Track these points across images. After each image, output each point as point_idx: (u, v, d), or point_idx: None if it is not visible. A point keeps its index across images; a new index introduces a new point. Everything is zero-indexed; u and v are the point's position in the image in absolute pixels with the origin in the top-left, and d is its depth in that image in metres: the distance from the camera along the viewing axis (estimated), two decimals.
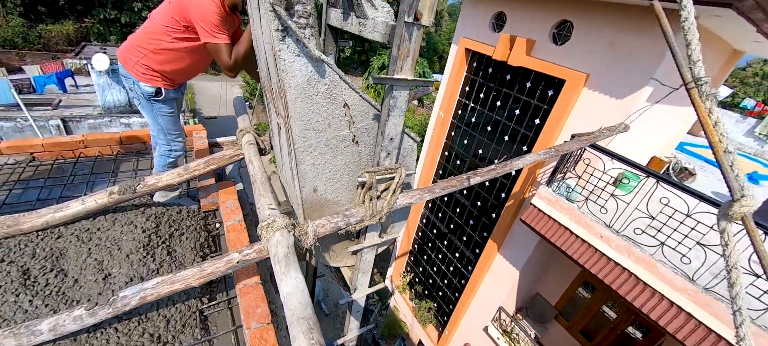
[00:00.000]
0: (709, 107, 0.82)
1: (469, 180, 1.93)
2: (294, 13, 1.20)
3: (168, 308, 1.59)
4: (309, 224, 1.56)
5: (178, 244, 1.92)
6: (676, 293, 2.98)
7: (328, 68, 1.40)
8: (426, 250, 7.52)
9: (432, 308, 7.46)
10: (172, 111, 2.22)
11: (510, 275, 5.38)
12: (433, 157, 6.64)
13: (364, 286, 2.19)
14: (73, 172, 2.56)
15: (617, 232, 3.39)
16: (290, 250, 1.35)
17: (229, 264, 1.43)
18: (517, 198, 4.94)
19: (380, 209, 1.68)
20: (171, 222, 2.05)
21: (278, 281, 1.24)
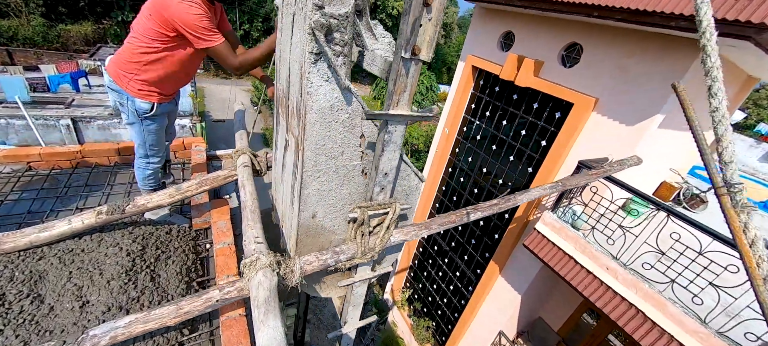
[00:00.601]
0: (745, 222, 0.71)
1: (469, 216, 1.84)
2: (332, 39, 1.19)
3: (146, 342, 1.52)
4: (296, 261, 1.48)
5: (163, 268, 1.86)
6: (686, 335, 2.82)
7: (354, 98, 1.36)
8: (426, 266, 7.37)
9: (430, 327, 7.28)
10: (160, 127, 2.15)
11: (511, 298, 5.21)
12: (436, 173, 6.55)
13: (355, 319, 2.10)
14: (67, 183, 2.54)
15: (625, 265, 3.24)
16: (271, 294, 1.27)
17: (207, 303, 1.35)
18: (521, 221, 4.80)
19: (372, 247, 1.60)
20: (158, 244, 2.00)
21: (255, 329, 1.16)
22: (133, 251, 1.84)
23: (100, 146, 2.87)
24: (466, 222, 1.79)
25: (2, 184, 2.41)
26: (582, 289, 3.46)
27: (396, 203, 1.61)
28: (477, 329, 5.91)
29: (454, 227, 1.81)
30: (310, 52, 1.18)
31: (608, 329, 5.28)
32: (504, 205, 1.94)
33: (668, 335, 2.91)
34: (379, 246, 1.58)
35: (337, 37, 1.20)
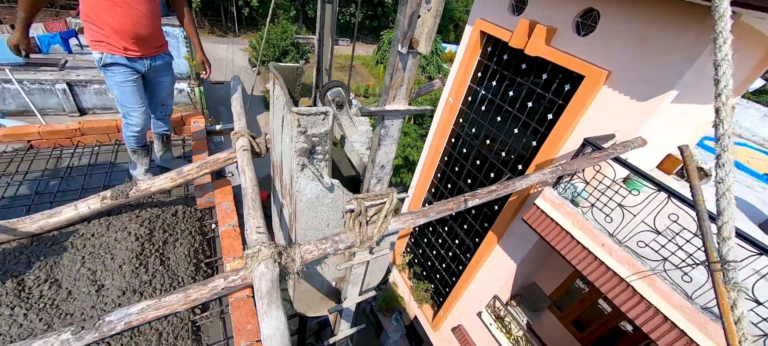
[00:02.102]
0: (734, 299, 0.69)
1: (466, 203, 1.85)
2: (314, 153, 1.36)
3: (160, 322, 1.63)
4: (296, 250, 1.53)
5: (171, 251, 1.94)
6: (672, 309, 2.96)
7: (337, 188, 1.58)
8: (426, 233, 7.60)
9: (429, 289, 7.69)
10: (123, 82, 2.03)
11: (507, 266, 5.42)
12: (438, 144, 6.49)
13: (354, 296, 2.21)
14: (70, 163, 2.56)
15: (620, 242, 3.32)
16: (274, 285, 1.33)
17: (213, 291, 1.43)
18: (521, 194, 4.84)
19: (370, 236, 1.64)
20: (165, 227, 2.06)
21: (259, 319, 1.24)
22: (141, 235, 1.91)
23: (99, 123, 2.85)
24: (463, 209, 1.81)
25: (5, 164, 2.44)
26: (576, 263, 3.58)
27: (393, 192, 1.62)
28: (473, 292, 6.24)
29: (451, 213, 1.83)
30: (297, 164, 1.37)
31: (598, 296, 5.54)
32: (502, 191, 1.94)
33: (654, 309, 3.06)
34: (377, 235, 1.62)
35: (319, 150, 1.37)
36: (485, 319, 5.87)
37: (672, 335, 2.94)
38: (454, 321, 6.81)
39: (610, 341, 5.58)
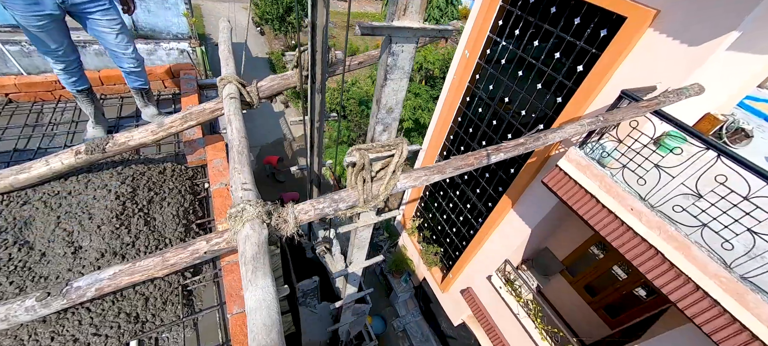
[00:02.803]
0: None
1: (489, 157, 1.57)
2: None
3: (146, 285, 1.49)
4: (289, 210, 1.31)
5: (158, 211, 1.76)
6: (705, 278, 2.71)
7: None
8: (437, 198, 7.41)
9: (438, 253, 7.67)
10: (23, 19, 1.68)
11: (521, 231, 5.22)
12: (452, 103, 6.04)
13: (360, 260, 2.04)
14: (52, 119, 2.36)
15: (652, 206, 3.01)
16: (261, 249, 1.13)
17: (195, 255, 1.24)
18: (542, 155, 4.48)
19: (376, 194, 1.39)
20: (151, 185, 1.87)
21: (243, 288, 1.05)
22: (122, 193, 1.72)
23: None
24: (486, 164, 1.53)
25: None
26: (600, 228, 3.31)
27: (402, 143, 1.34)
28: (483, 256, 6.14)
29: (471, 169, 1.56)
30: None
31: (614, 262, 5.34)
32: (531, 144, 1.64)
33: (685, 277, 2.82)
34: (384, 193, 1.38)
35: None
36: (495, 282, 5.81)
37: (703, 304, 2.73)
38: (463, 284, 6.82)
39: (622, 306, 5.47)
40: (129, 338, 1.38)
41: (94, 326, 1.32)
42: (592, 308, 5.58)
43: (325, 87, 2.02)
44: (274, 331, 0.94)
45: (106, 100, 2.60)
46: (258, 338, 0.92)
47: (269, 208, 1.26)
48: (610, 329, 5.33)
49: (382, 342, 9.59)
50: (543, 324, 5.26)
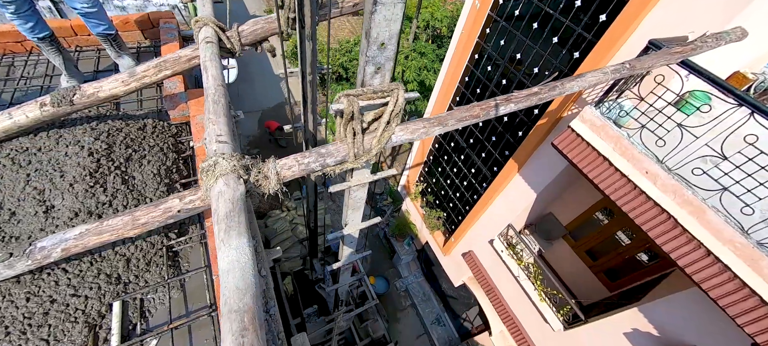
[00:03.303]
0: None
1: (498, 109, 1.38)
2: None
3: (127, 246, 1.41)
4: (270, 165, 1.17)
5: (137, 169, 1.64)
6: (719, 243, 2.59)
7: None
8: (441, 162, 7.26)
9: (441, 217, 7.67)
10: None
11: (526, 196, 5.11)
12: (459, 60, 5.66)
13: (356, 222, 1.94)
14: (24, 73, 2.18)
15: (669, 170, 2.82)
16: (236, 206, 1.00)
17: (167, 213, 1.13)
18: (553, 116, 4.22)
19: (368, 149, 1.24)
20: (129, 141, 1.74)
21: (217, 248, 0.94)
22: (97, 149, 1.59)
23: (51, 23, 2.38)
24: (493, 116, 1.35)
25: None
26: (610, 192, 3.16)
27: (398, 89, 1.16)
28: (486, 221, 6.11)
29: (476, 122, 1.39)
30: None
31: (619, 227, 5.27)
32: (546, 94, 1.44)
33: (697, 242, 2.70)
34: (377, 147, 1.22)
35: None
36: (497, 246, 5.82)
37: (713, 269, 2.64)
38: (465, 247, 6.88)
39: (622, 270, 5.48)
40: (111, 299, 1.32)
41: (73, 287, 1.26)
42: (593, 271, 5.62)
43: (315, 33, 1.79)
44: (248, 295, 0.84)
45: (82, 52, 2.39)
46: (230, 302, 0.82)
47: (247, 162, 1.12)
48: (608, 292, 5.39)
49: (385, 301, 10.01)
50: (543, 286, 5.32)
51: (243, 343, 0.76)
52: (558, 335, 5.15)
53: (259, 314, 0.83)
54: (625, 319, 4.18)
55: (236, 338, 0.76)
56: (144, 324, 1.37)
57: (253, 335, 0.78)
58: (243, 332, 0.77)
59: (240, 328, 0.78)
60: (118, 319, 1.31)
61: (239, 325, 0.78)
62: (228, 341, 0.77)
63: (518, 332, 5.87)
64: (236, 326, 0.78)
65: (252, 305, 0.83)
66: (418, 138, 1.31)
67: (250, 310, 0.82)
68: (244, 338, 0.76)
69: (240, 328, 0.78)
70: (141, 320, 1.37)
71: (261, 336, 0.80)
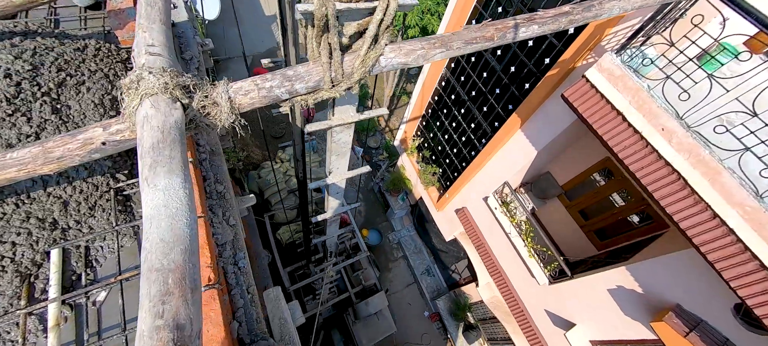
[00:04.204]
0: None
1: (517, 31, 1.09)
2: None
3: (62, 187, 1.18)
4: (221, 88, 0.90)
5: (73, 98, 1.35)
6: (728, 206, 2.46)
7: None
8: (440, 116, 6.91)
9: (436, 173, 7.54)
10: None
11: (526, 153, 4.91)
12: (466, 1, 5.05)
13: (342, 169, 1.72)
14: None
15: (689, 127, 2.59)
16: (168, 137, 0.76)
17: (89, 146, 0.88)
18: (565, 67, 3.85)
19: (349, 73, 0.96)
20: (62, 65, 1.42)
21: (140, 187, 0.72)
22: (17, 71, 1.29)
23: None
24: (511, 39, 1.06)
25: None
26: (619, 150, 2.95)
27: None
28: (483, 177, 5.98)
29: (488, 47, 1.10)
30: None
31: (616, 188, 5.19)
32: (579, 15, 1.14)
33: (704, 204, 2.57)
34: (360, 72, 0.94)
35: None
36: (491, 203, 5.77)
37: (716, 232, 2.54)
38: (458, 204, 6.85)
39: (612, 231, 5.53)
40: (46, 246, 1.14)
41: None
42: (584, 231, 5.66)
43: None
44: (177, 250, 0.63)
45: None
46: (151, 258, 0.61)
47: (186, 80, 0.85)
48: (597, 251, 5.48)
49: (378, 253, 10.31)
50: (533, 243, 5.37)
51: (162, 311, 0.56)
52: (542, 289, 5.33)
53: (193, 274, 0.63)
54: (611, 276, 4.26)
55: (155, 305, 0.57)
56: (90, 275, 1.20)
57: (178, 300, 0.58)
58: (164, 297, 0.58)
59: (161, 292, 0.58)
60: (58, 268, 1.13)
61: (160, 288, 0.58)
62: (144, 308, 0.57)
63: (504, 285, 6.08)
64: (156, 290, 0.58)
65: (182, 263, 0.62)
66: (415, 62, 1.03)
67: (179, 269, 0.61)
68: (164, 305, 0.57)
69: (161, 292, 0.58)
70: (86, 270, 1.20)
71: (193, 302, 0.61)
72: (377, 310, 7.05)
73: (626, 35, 2.91)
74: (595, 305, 4.56)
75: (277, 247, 6.47)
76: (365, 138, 11.69)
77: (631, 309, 4.10)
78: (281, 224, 8.14)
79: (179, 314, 0.57)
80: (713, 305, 3.30)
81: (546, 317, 5.52)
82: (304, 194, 3.40)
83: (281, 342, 1.25)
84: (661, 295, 3.73)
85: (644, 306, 3.94)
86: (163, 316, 0.56)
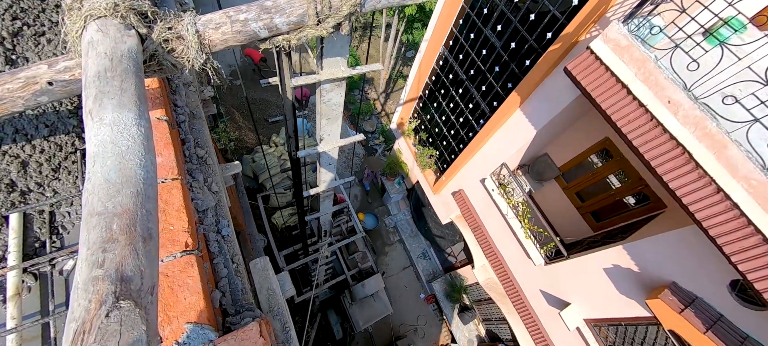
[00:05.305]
0: None
1: None
2: None
3: (19, 146, 1.05)
4: (187, 19, 0.77)
5: (31, 49, 1.21)
6: (733, 180, 2.40)
7: None
8: (437, 97, 6.75)
9: (433, 156, 7.44)
10: None
11: (525, 133, 4.81)
12: None
13: (334, 136, 1.60)
14: None
15: (696, 98, 2.49)
16: (118, 66, 0.64)
17: (32, 87, 0.75)
18: (567, 41, 3.70)
19: (338, 5, 0.84)
20: (18, 13, 1.26)
21: (84, 122, 0.60)
22: None
23: None
24: None
25: None
26: (622, 124, 2.86)
27: None
28: (480, 160, 5.90)
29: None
30: None
31: (613, 170, 5.16)
32: None
33: (708, 179, 2.50)
34: (350, 3, 0.82)
35: None
36: (488, 185, 5.70)
37: (719, 207, 2.49)
38: (455, 186, 6.79)
39: (608, 212, 5.53)
40: (3, 210, 1.02)
41: None
42: (580, 212, 5.65)
43: None
44: (126, 192, 0.52)
45: None
46: (92, 201, 0.50)
47: (143, 6, 0.72)
48: (593, 232, 5.48)
49: (374, 236, 10.31)
50: (529, 224, 5.35)
51: (102, 260, 0.46)
52: (538, 269, 5.34)
53: (146, 222, 0.53)
54: (607, 256, 4.25)
55: (94, 253, 0.46)
56: (56, 242, 1.10)
57: (124, 249, 0.48)
58: (106, 244, 0.47)
59: (102, 238, 0.47)
60: (18, 234, 1.03)
61: (102, 234, 0.48)
62: (81, 256, 0.47)
63: (500, 266, 6.10)
64: (96, 236, 0.48)
65: (131, 208, 0.51)
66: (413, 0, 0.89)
67: (127, 213, 0.51)
68: (106, 254, 0.46)
69: (102, 238, 0.47)
70: (52, 236, 1.09)
71: (145, 253, 0.50)
72: (374, 292, 7.09)
73: (633, 5, 2.76)
74: (591, 284, 4.58)
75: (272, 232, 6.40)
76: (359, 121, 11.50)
77: (627, 287, 4.11)
78: (276, 209, 8.05)
79: (125, 265, 0.47)
80: (709, 281, 3.30)
81: (541, 297, 5.57)
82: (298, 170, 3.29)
83: (269, 314, 1.17)
84: (657, 273, 3.74)
85: (640, 284, 3.96)
86: (103, 265, 0.45)
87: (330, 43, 1.06)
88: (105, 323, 0.42)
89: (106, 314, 0.42)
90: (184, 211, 1.06)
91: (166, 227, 1.00)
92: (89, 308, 0.43)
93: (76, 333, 0.42)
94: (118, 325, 0.42)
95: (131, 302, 0.45)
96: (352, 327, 7.50)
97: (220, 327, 0.97)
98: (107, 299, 0.43)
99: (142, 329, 0.44)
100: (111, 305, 0.43)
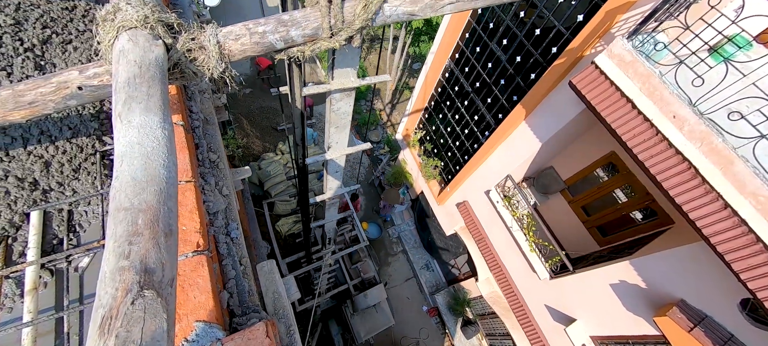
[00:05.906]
0: None
1: None
2: None
3: (43, 146, 1.11)
4: (209, 31, 0.83)
5: (59, 56, 1.28)
6: (740, 196, 2.38)
7: None
8: (442, 109, 6.82)
9: (438, 166, 7.46)
10: None
11: (530, 146, 4.82)
12: None
13: (342, 144, 1.64)
14: None
15: (701, 114, 2.50)
16: (146, 73, 0.68)
17: (64, 91, 0.81)
18: (572, 55, 3.75)
19: (350, 20, 0.88)
20: (48, 22, 1.34)
21: (114, 125, 0.65)
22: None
23: None
24: None
25: None
26: (628, 139, 2.87)
27: None
28: (485, 171, 5.90)
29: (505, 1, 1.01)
30: None
31: (619, 184, 5.12)
32: None
33: (715, 194, 2.48)
34: (362, 18, 0.86)
35: None
36: (493, 197, 5.69)
37: (727, 223, 2.46)
38: (460, 197, 6.78)
39: (614, 227, 5.45)
40: (25, 206, 1.07)
41: None
42: (586, 226, 5.58)
43: None
44: (150, 190, 0.56)
45: None
46: (119, 197, 0.54)
47: (170, 18, 0.77)
48: (599, 247, 5.40)
49: (377, 246, 10.26)
50: (534, 237, 5.30)
51: (129, 252, 0.49)
52: (543, 283, 5.26)
53: (168, 219, 0.56)
54: (613, 271, 4.18)
55: (120, 245, 0.50)
56: (73, 239, 1.14)
57: (148, 242, 0.51)
58: (132, 237, 0.51)
59: (128, 232, 0.51)
60: (38, 231, 1.07)
61: (128, 227, 0.51)
62: (108, 248, 0.50)
63: (504, 279, 6.02)
64: (123, 230, 0.51)
65: (155, 205, 0.55)
66: (423, 13, 0.94)
67: (151, 210, 0.54)
68: (132, 246, 0.50)
69: (128, 232, 0.51)
70: (69, 234, 1.14)
71: (167, 247, 0.54)
72: (376, 302, 7.01)
73: (637, 21, 2.81)
74: (597, 300, 4.50)
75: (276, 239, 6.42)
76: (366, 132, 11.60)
77: (634, 304, 4.03)
78: (281, 216, 8.10)
79: (148, 257, 0.50)
80: (719, 300, 3.23)
81: (546, 312, 5.46)
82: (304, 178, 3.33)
83: (275, 316, 1.19)
84: (665, 290, 3.66)
85: (647, 301, 3.88)
86: (129, 257, 0.49)
87: (341, 54, 1.11)
88: (130, 310, 0.45)
89: (132, 301, 0.45)
90: (196, 212, 1.09)
91: (180, 226, 1.03)
92: (116, 295, 0.46)
93: (104, 319, 0.45)
94: (142, 312, 0.45)
95: (154, 291, 0.48)
96: (353, 338, 7.40)
97: (228, 327, 0.99)
98: (132, 287, 0.46)
99: (163, 317, 0.47)
100: (136, 294, 0.46)
